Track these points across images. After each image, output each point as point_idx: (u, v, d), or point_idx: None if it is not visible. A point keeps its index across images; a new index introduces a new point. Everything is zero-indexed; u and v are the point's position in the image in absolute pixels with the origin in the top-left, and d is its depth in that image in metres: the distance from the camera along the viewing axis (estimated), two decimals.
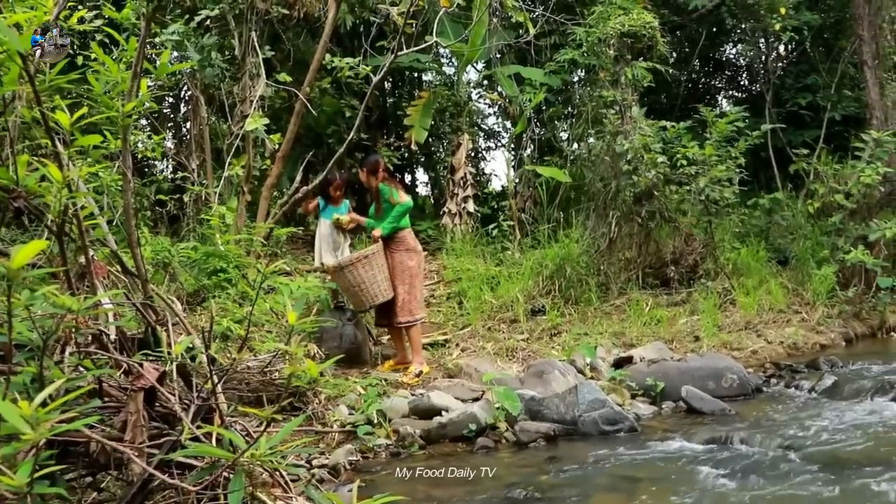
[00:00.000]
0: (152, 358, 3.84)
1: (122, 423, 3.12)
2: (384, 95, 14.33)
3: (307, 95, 8.51)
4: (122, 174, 3.71)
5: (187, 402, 3.45)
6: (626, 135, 9.67)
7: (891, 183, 10.88)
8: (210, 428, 2.80)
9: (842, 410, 5.84)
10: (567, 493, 4.28)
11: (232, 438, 2.58)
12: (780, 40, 15.04)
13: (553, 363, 6.72)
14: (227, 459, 2.45)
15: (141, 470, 2.81)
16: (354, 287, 6.94)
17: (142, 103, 3.38)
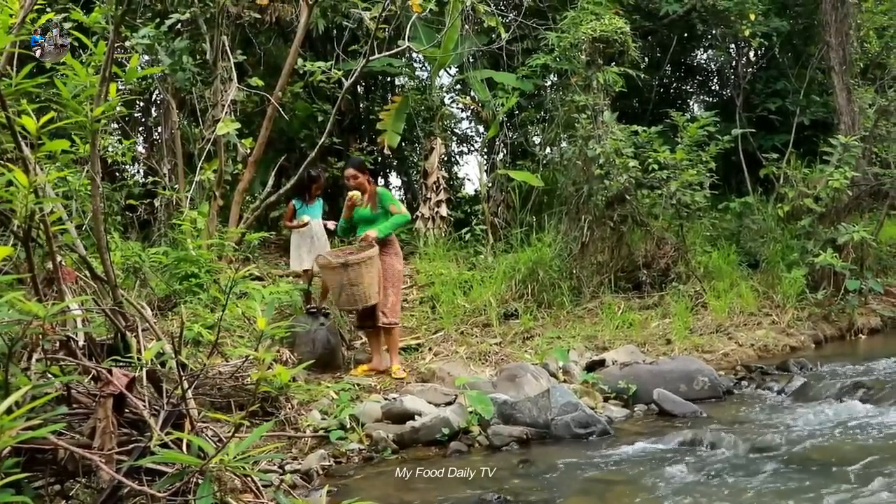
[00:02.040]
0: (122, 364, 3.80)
1: (90, 429, 3.08)
2: (357, 100, 14.31)
3: (279, 100, 8.47)
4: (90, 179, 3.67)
5: (157, 408, 3.42)
6: (597, 139, 9.73)
7: (858, 187, 11.05)
8: (179, 434, 2.77)
9: (811, 411, 5.91)
10: (539, 496, 4.29)
11: (201, 444, 2.56)
12: (750, 46, 15.22)
13: (526, 367, 6.74)
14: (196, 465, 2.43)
15: (110, 477, 2.78)
16: (354, 286, 6.84)
17: (111, 108, 3.35)
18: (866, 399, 6.09)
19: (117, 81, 4.64)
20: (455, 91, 13.95)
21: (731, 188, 13.62)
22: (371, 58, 7.82)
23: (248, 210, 8.77)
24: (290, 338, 7.18)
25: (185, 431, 3.11)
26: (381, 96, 14.28)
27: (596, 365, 7.23)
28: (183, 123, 9.79)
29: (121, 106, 5.92)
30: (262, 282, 8.78)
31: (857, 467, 4.36)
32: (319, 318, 7.44)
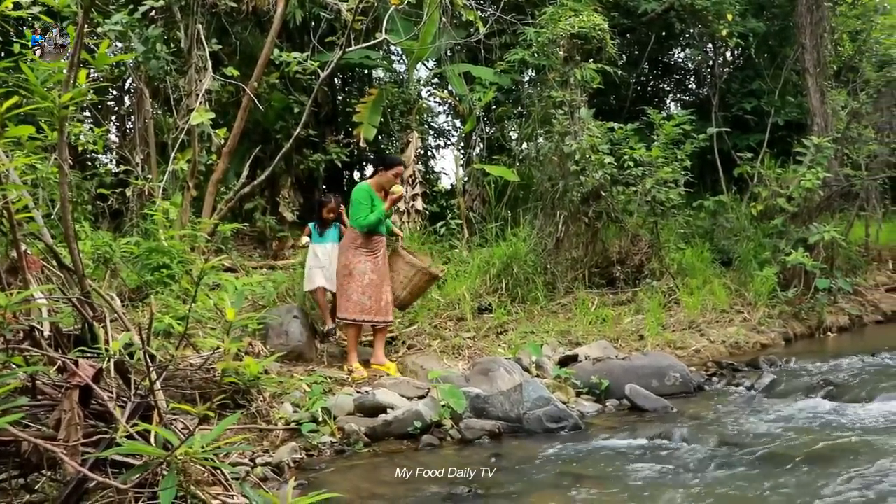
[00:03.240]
0: (89, 355, 3.75)
1: (56, 421, 3.04)
2: (334, 92, 14.23)
3: (255, 90, 8.41)
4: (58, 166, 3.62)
5: (125, 400, 3.38)
6: (574, 135, 9.74)
7: (830, 188, 11.16)
8: (145, 426, 2.74)
9: (779, 408, 5.99)
10: (510, 489, 4.30)
11: (166, 436, 2.53)
12: (726, 46, 15.34)
13: (499, 361, 6.74)
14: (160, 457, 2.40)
15: (74, 470, 2.74)
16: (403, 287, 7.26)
17: (80, 94, 3.29)
18: (833, 396, 6.18)
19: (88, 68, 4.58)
20: (432, 85, 13.92)
21: (705, 186, 13.72)
22: (348, 49, 7.78)
23: (222, 201, 8.70)
24: (263, 330, 7.14)
25: (154, 423, 3.08)
26: (359, 89, 14.21)
27: (569, 360, 7.25)
28: (156, 112, 9.69)
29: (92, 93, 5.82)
30: (236, 273, 8.72)
31: (823, 463, 4.41)
32: (293, 311, 7.41)
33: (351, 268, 6.91)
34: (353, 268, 6.90)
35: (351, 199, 7.08)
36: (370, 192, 6.99)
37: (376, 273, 6.94)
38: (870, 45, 15.35)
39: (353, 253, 6.94)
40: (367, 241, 6.94)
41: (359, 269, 6.89)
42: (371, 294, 6.87)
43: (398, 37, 10.39)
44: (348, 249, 7.00)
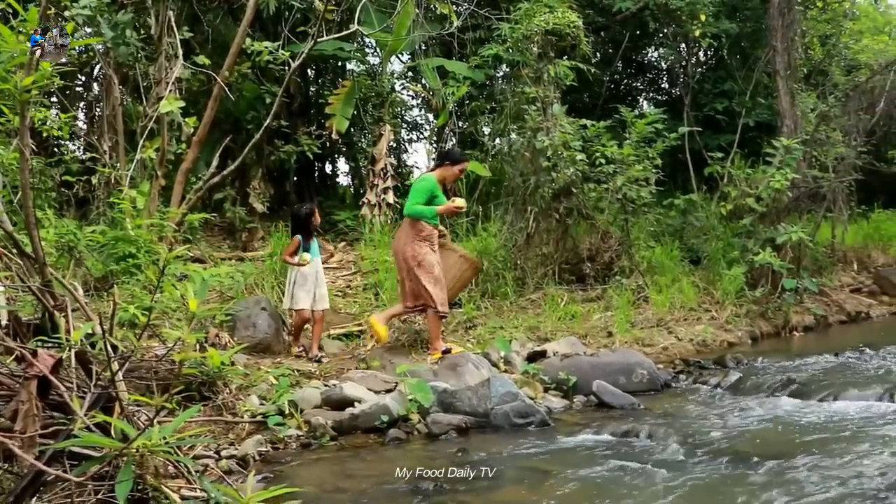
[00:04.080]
0: (49, 345, 3.69)
1: (12, 412, 2.98)
2: (307, 83, 14.13)
3: (226, 79, 8.31)
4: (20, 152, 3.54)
5: (85, 391, 3.32)
6: (546, 131, 9.75)
7: (798, 189, 11.29)
8: (102, 417, 2.69)
9: (744, 405, 6.04)
10: (476, 484, 4.29)
11: (123, 428, 2.48)
12: (699, 46, 15.43)
13: (467, 356, 6.74)
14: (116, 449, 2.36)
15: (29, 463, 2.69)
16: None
17: (43, 78, 3.22)
18: (797, 394, 6.24)
19: None
20: (406, 78, 13.87)
21: (676, 185, 13.81)
22: (319, 40, 7.71)
23: (191, 191, 8.59)
24: (231, 322, 7.09)
25: (115, 415, 3.03)
26: (332, 81, 14.11)
27: (537, 356, 7.26)
28: (125, 100, 9.54)
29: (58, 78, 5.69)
30: (203, 264, 8.63)
31: (787, 460, 4.44)
32: (261, 303, 7.35)
33: (419, 259, 6.95)
34: (422, 259, 6.95)
35: (413, 187, 7.12)
36: (434, 185, 6.98)
37: (439, 266, 7.04)
38: (839, 49, 15.57)
39: (419, 244, 6.97)
40: (430, 234, 6.98)
41: (427, 262, 6.95)
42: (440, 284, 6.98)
43: (372, 28, 10.32)
44: (414, 241, 6.98)
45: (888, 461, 4.26)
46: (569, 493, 4.08)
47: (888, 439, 4.74)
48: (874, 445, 4.62)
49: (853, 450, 4.54)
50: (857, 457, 4.40)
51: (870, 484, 3.93)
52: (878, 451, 4.48)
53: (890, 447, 4.56)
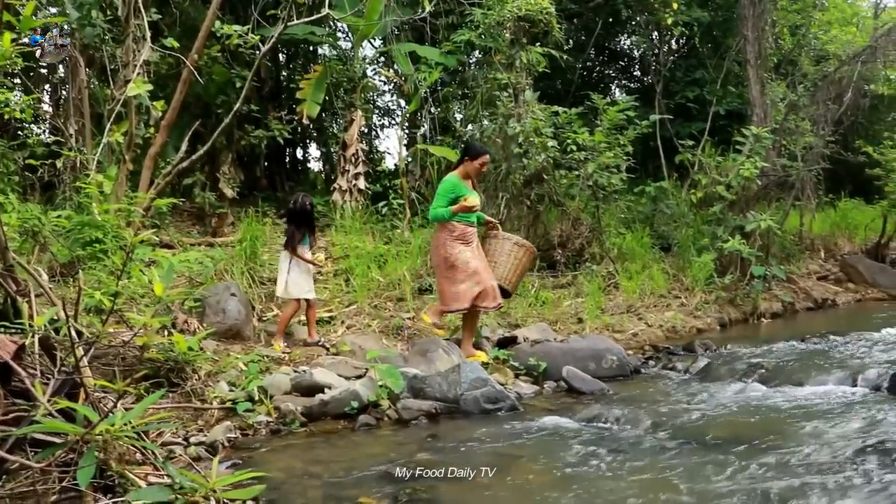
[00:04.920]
0: (12, 331, 3.62)
1: None
2: (278, 68, 14.01)
3: (195, 63, 8.19)
4: None
5: (49, 377, 3.27)
6: (518, 118, 9.76)
7: (767, 177, 11.41)
8: (66, 403, 2.65)
9: (712, 391, 6.10)
10: (445, 469, 4.28)
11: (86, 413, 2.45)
12: (671, 35, 15.53)
13: (437, 342, 6.74)
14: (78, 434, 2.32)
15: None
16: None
17: (3, 58, 3.15)
18: (764, 380, 6.33)
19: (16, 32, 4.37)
20: (378, 63, 13.80)
21: (647, 173, 13.91)
22: (290, 24, 7.62)
23: (160, 175, 8.48)
24: (200, 308, 7.01)
25: (80, 401, 2.99)
26: (303, 65, 14.01)
27: (508, 342, 7.29)
28: (92, 82, 9.37)
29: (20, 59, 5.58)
30: (173, 250, 8.54)
31: (752, 443, 4.49)
32: (231, 288, 7.28)
33: (452, 260, 6.76)
34: (455, 259, 6.75)
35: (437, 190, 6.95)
36: (456, 183, 6.84)
37: (477, 260, 6.83)
38: (808, 39, 15.74)
39: (452, 245, 6.77)
40: (463, 232, 6.80)
41: (461, 260, 6.76)
42: (478, 280, 6.75)
43: (343, 12, 10.23)
44: (446, 242, 6.79)
45: (850, 443, 4.32)
46: (538, 477, 4.09)
47: (850, 422, 4.81)
48: (837, 428, 4.68)
49: (817, 433, 4.60)
50: (820, 439, 4.46)
51: (832, 465, 3.98)
52: (840, 434, 4.55)
53: (852, 429, 4.63)
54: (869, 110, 16.74)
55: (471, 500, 3.81)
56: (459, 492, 3.93)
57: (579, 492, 3.83)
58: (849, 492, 3.60)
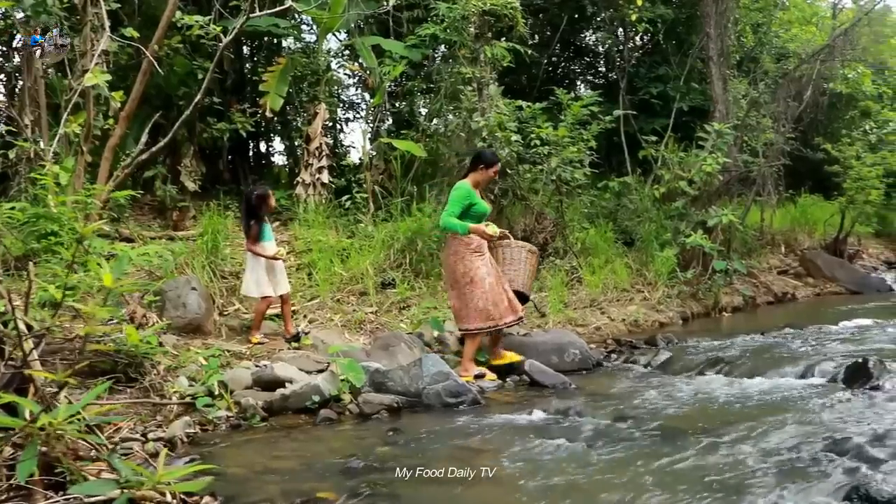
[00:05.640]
0: None
1: None
2: (241, 61, 13.86)
3: (155, 54, 8.05)
4: None
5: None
6: (482, 112, 9.75)
7: (729, 173, 11.53)
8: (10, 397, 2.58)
9: (673, 383, 6.16)
10: (406, 463, 4.26)
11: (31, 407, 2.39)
12: (636, 31, 15.61)
13: (400, 336, 6.72)
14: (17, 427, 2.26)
15: None
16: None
17: None
18: (724, 372, 6.41)
19: None
20: (342, 57, 13.71)
21: (611, 168, 13.99)
22: (252, 15, 7.53)
23: (119, 168, 8.33)
24: (160, 302, 6.92)
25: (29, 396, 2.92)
26: (267, 58, 13.85)
27: None
28: (48, 72, 9.19)
29: None
30: (132, 243, 8.42)
31: (712, 434, 4.54)
32: (192, 282, 7.18)
33: (472, 275, 6.41)
34: (475, 274, 6.42)
35: (449, 196, 6.65)
36: (470, 192, 6.52)
37: (492, 274, 6.52)
38: (769, 37, 15.94)
39: (471, 258, 6.44)
40: (479, 244, 6.50)
41: (479, 275, 6.43)
42: (492, 298, 6.43)
43: (307, 5, 10.14)
44: (465, 255, 6.46)
45: (806, 433, 4.40)
46: (500, 470, 4.09)
47: (807, 413, 4.89)
48: (794, 419, 4.76)
49: (775, 423, 4.66)
50: (778, 430, 4.52)
51: (788, 454, 4.03)
52: (797, 424, 4.62)
53: (808, 420, 4.71)
54: (828, 108, 17.00)
55: (431, 493, 3.79)
56: (419, 485, 3.91)
57: (540, 484, 3.83)
58: (803, 479, 3.65)
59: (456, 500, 3.68)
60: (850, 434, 4.21)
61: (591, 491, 3.73)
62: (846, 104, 17.97)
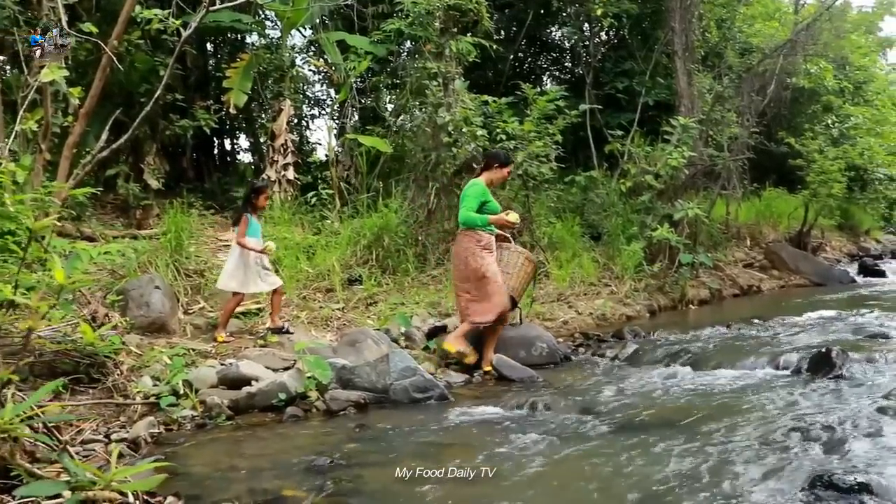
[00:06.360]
0: None
1: None
2: (205, 57, 13.70)
3: (115, 49, 7.90)
4: None
5: None
6: (447, 107, 9.72)
7: (695, 166, 11.62)
8: None
9: (640, 376, 6.19)
10: (373, 459, 4.24)
11: None
12: (601, 26, 15.67)
13: (367, 332, 6.68)
14: None
15: None
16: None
17: None
18: (690, 364, 6.45)
19: None
20: (307, 53, 13.61)
21: (578, 162, 14.03)
22: (213, 9, 7.42)
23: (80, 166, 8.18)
24: (123, 301, 6.80)
25: None
26: (230, 54, 13.71)
27: (438, 331, 7.26)
28: (3, 68, 9.00)
29: None
30: (95, 242, 8.28)
31: (678, 426, 4.57)
32: (155, 281, 7.08)
33: (483, 271, 6.44)
34: (486, 270, 6.45)
35: (463, 192, 6.65)
36: (483, 190, 6.55)
37: (499, 271, 6.64)
38: (733, 33, 16.08)
39: (481, 255, 6.48)
40: (489, 241, 6.55)
41: (491, 271, 6.48)
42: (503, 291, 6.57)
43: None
44: (475, 253, 6.49)
45: (770, 422, 4.43)
46: (466, 465, 4.06)
47: (771, 403, 4.94)
48: (759, 409, 4.80)
49: (740, 414, 4.70)
50: (743, 420, 4.56)
51: (753, 444, 4.07)
52: (761, 414, 4.67)
53: (772, 409, 4.75)
54: (791, 103, 17.20)
55: (396, 489, 3.76)
56: (385, 480, 3.88)
57: (506, 477, 3.82)
58: (768, 468, 3.68)
59: (423, 497, 3.65)
60: (814, 423, 4.25)
61: (559, 485, 3.73)
62: (809, 99, 18.19)
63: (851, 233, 19.74)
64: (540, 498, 3.58)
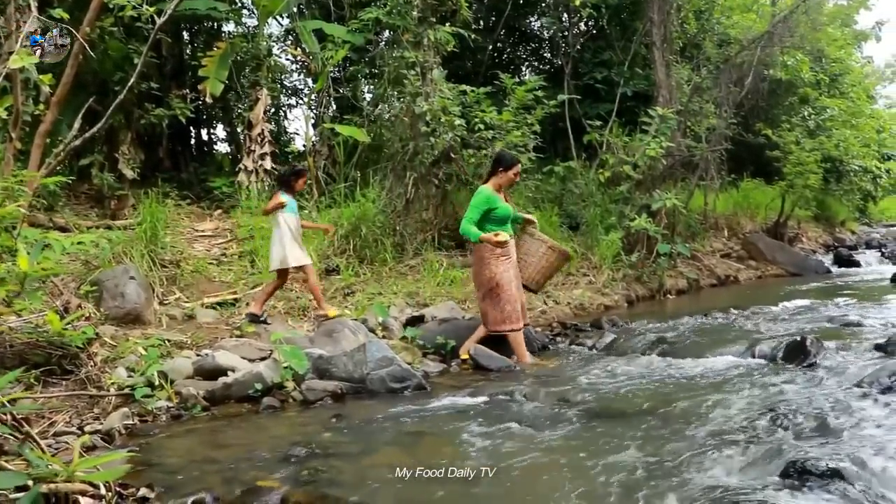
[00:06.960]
0: None
1: None
2: (181, 46, 13.54)
3: (87, 36, 7.79)
4: None
5: None
6: (425, 96, 9.68)
7: (673, 157, 11.65)
8: None
9: (618, 365, 6.18)
10: (349, 448, 4.21)
11: None
12: (580, 16, 15.64)
13: (344, 322, 6.65)
14: None
15: None
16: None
17: None
18: (668, 353, 6.46)
19: None
20: (284, 41, 13.50)
21: (556, 153, 14.02)
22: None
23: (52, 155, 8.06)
24: (97, 292, 6.73)
25: None
26: (206, 43, 13.56)
27: (415, 321, 7.25)
28: None
29: None
30: (68, 233, 8.18)
31: (655, 414, 4.57)
32: (130, 271, 6.99)
33: (497, 279, 6.40)
34: (500, 278, 6.40)
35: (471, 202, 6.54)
36: (489, 196, 6.43)
37: (517, 278, 6.55)
38: (712, 24, 16.12)
39: (496, 262, 6.41)
40: (505, 248, 6.43)
41: (505, 279, 6.41)
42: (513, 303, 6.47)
43: None
44: (489, 260, 6.43)
45: (746, 410, 4.44)
46: (444, 454, 4.05)
47: (747, 390, 4.95)
48: (735, 397, 4.81)
49: (717, 402, 4.70)
50: (719, 408, 4.56)
51: (729, 431, 4.07)
52: (737, 402, 4.67)
53: (748, 397, 4.77)
54: (768, 94, 17.28)
55: (373, 478, 3.73)
56: (361, 470, 3.85)
57: (484, 466, 3.80)
58: (743, 455, 3.68)
59: (399, 486, 3.63)
60: (788, 410, 4.26)
61: (535, 472, 3.72)
62: (786, 90, 18.28)
63: (827, 224, 19.91)
64: (516, 486, 3.58)
